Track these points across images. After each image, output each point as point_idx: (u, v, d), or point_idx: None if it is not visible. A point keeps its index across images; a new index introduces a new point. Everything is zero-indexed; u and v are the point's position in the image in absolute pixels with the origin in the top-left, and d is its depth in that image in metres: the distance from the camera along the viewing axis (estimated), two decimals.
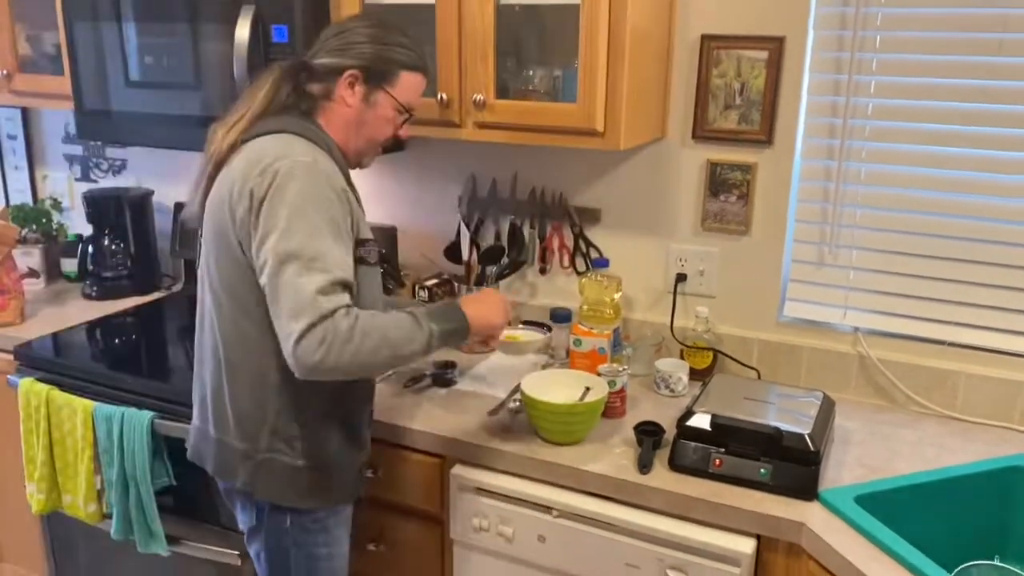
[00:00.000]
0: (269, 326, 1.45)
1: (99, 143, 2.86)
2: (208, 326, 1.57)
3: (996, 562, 1.61)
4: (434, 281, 2.25)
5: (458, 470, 1.75)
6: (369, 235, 1.54)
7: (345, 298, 1.38)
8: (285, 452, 1.54)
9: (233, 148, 1.49)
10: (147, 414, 1.96)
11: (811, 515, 1.50)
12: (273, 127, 1.50)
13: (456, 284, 2.23)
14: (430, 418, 1.83)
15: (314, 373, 1.36)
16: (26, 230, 2.75)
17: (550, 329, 1.70)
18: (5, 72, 2.43)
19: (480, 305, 1.59)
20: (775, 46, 1.88)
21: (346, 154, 1.58)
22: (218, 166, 1.51)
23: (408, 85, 1.57)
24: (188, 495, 2.04)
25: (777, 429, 1.58)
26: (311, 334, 1.33)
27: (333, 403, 1.56)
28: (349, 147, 1.58)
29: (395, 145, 1.70)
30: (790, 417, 1.63)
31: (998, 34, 1.73)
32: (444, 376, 1.99)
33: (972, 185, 1.82)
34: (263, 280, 1.39)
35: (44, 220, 2.81)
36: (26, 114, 2.97)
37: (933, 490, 1.61)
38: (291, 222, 1.37)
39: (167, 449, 1.99)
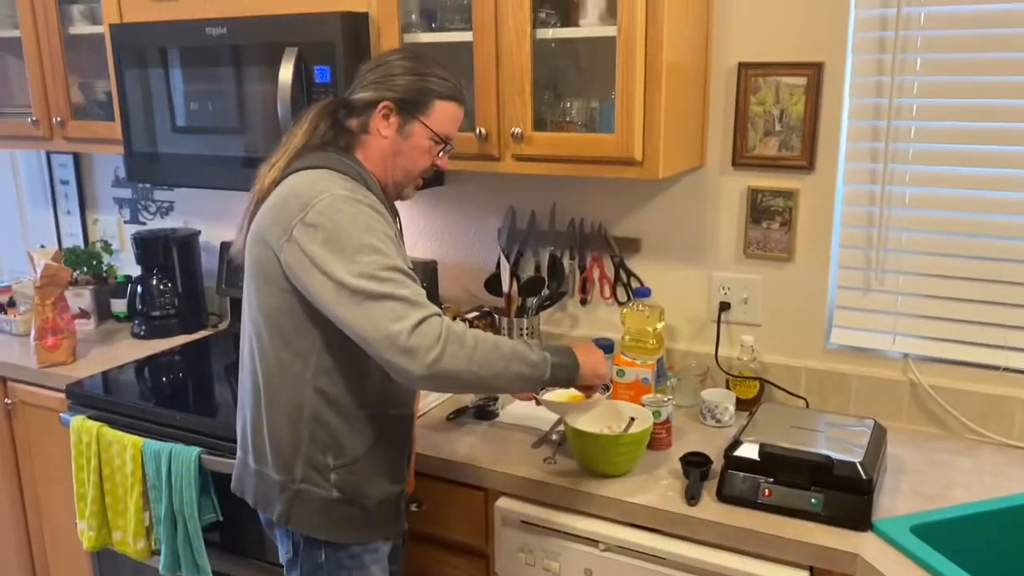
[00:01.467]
0: (308, 356, 1.49)
1: (147, 186, 2.93)
2: (248, 356, 1.59)
3: None
4: (475, 314, 2.26)
5: (503, 503, 1.74)
6: (409, 264, 1.54)
7: (437, 308, 1.40)
8: (319, 484, 1.54)
9: (274, 184, 1.52)
10: (194, 450, 1.98)
11: (865, 546, 1.46)
12: (311, 163, 1.52)
13: (497, 316, 2.23)
14: (473, 451, 1.83)
15: (431, 372, 1.35)
16: (77, 272, 2.82)
17: (608, 387, 1.66)
18: (59, 119, 2.52)
19: (590, 353, 1.58)
20: (813, 72, 1.88)
21: (384, 187, 1.59)
22: (260, 203, 1.54)
23: (443, 115, 1.58)
24: (234, 531, 2.05)
25: (828, 457, 1.54)
26: (422, 330, 1.34)
27: (370, 436, 1.56)
28: (387, 179, 1.59)
29: (434, 179, 1.73)
30: (840, 446, 1.60)
31: None
32: (486, 408, 1.99)
33: (1019, 206, 1.78)
34: (336, 311, 1.39)
35: (95, 262, 2.88)
36: (78, 159, 3.06)
37: (993, 519, 1.56)
38: (353, 247, 1.39)
39: (214, 485, 2.00)
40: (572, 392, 1.68)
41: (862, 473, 1.52)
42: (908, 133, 1.85)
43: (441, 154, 1.62)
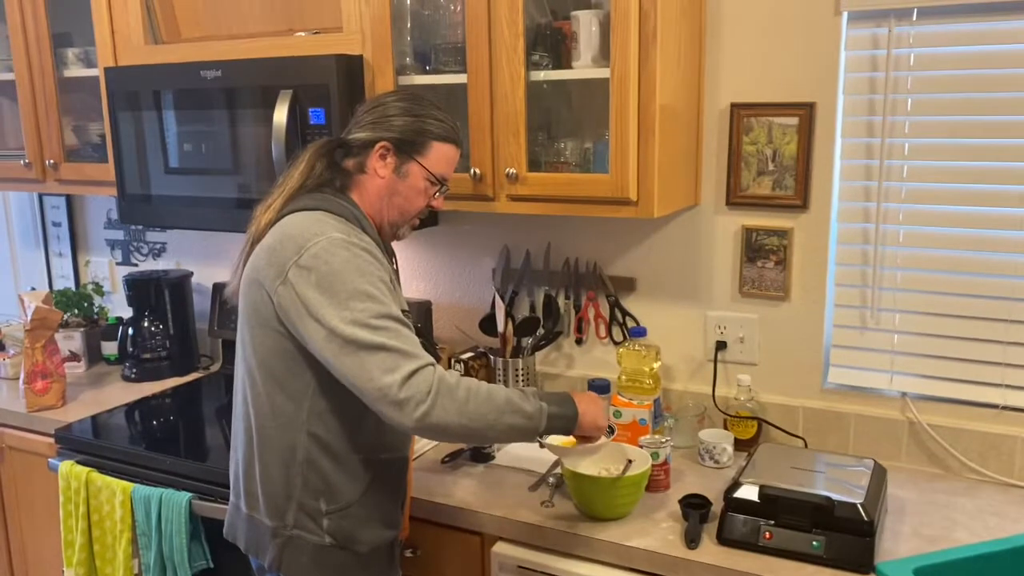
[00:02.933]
0: (302, 399, 1.48)
1: (140, 227, 2.92)
2: (241, 399, 1.57)
3: None
4: (470, 355, 2.24)
5: (499, 548, 1.71)
6: (404, 306, 1.54)
7: (430, 357, 1.40)
8: (312, 530, 1.51)
9: (270, 225, 1.52)
10: (185, 495, 1.95)
11: None
12: (307, 204, 1.52)
13: (492, 357, 2.22)
14: (469, 494, 1.80)
15: (422, 425, 1.35)
16: (68, 314, 2.80)
17: (613, 431, 1.65)
18: (52, 162, 2.52)
19: (591, 403, 1.57)
20: (805, 112, 1.89)
21: (380, 228, 1.59)
22: (255, 243, 1.54)
23: (440, 156, 1.58)
24: None
25: (828, 499, 1.52)
26: (413, 382, 1.34)
27: (363, 481, 1.54)
28: (383, 219, 1.58)
29: (429, 219, 1.73)
30: (841, 487, 1.58)
31: None
32: (482, 450, 1.97)
33: (1015, 244, 1.78)
34: (328, 357, 1.39)
35: (86, 304, 2.86)
36: (70, 201, 3.06)
37: (996, 561, 1.53)
38: (347, 293, 1.38)
39: (205, 531, 1.97)
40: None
41: (864, 514, 1.50)
42: (901, 172, 1.86)
43: (437, 195, 1.62)
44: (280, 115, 1.95)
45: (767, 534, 1.55)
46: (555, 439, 1.67)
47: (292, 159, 1.60)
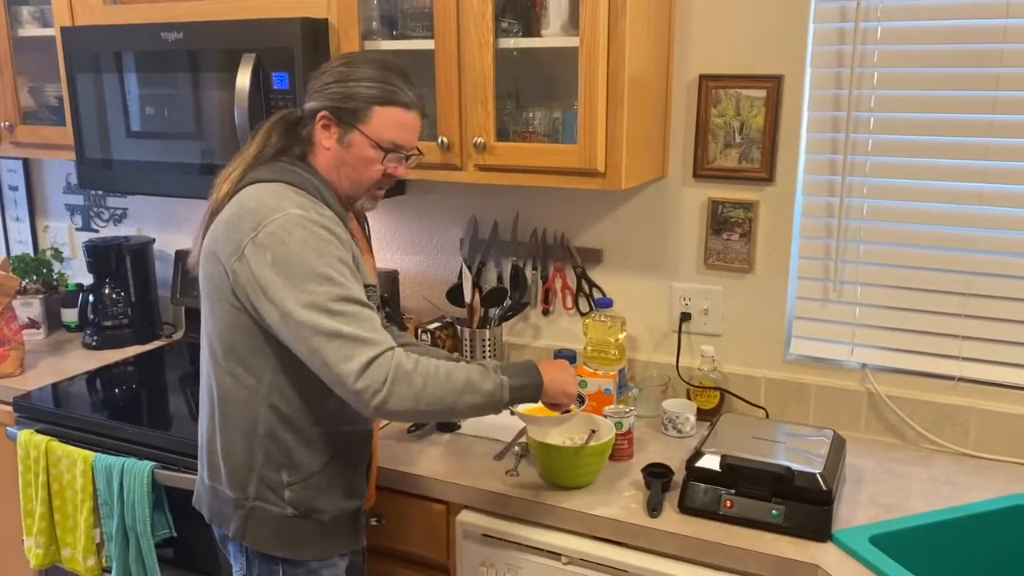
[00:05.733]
0: (263, 373, 1.46)
1: (100, 193, 2.86)
2: (205, 372, 1.55)
3: None
4: (437, 324, 2.24)
5: (464, 517, 1.72)
6: (371, 280, 1.53)
7: (389, 338, 1.38)
8: (273, 502, 1.51)
9: (228, 197, 1.48)
10: (147, 464, 1.93)
11: (825, 557, 1.46)
12: (266, 175, 1.48)
13: (459, 327, 2.21)
14: (434, 463, 1.81)
15: (380, 414, 1.36)
16: (27, 281, 2.75)
17: (583, 401, 1.65)
18: (7, 123, 2.45)
19: (558, 370, 1.56)
20: (773, 84, 1.89)
21: (340, 199, 1.54)
22: (215, 214, 1.50)
23: (385, 121, 1.49)
24: (189, 546, 2.00)
25: (788, 469, 1.55)
26: (370, 372, 1.33)
27: (325, 453, 1.53)
28: (339, 190, 1.54)
29: (396, 188, 1.70)
30: (800, 456, 1.60)
31: (995, 69, 1.74)
32: (448, 420, 1.97)
33: (975, 219, 1.81)
34: (286, 339, 1.38)
35: (45, 270, 2.80)
36: (27, 165, 2.98)
37: (949, 529, 1.58)
38: (304, 275, 1.35)
39: (168, 500, 1.96)
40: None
41: (822, 484, 1.52)
42: (865, 146, 1.87)
43: (394, 163, 1.53)
44: (243, 79, 1.92)
45: (728, 503, 1.57)
46: (526, 407, 1.67)
47: (255, 129, 1.56)
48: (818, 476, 1.53)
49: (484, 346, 2.17)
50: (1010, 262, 1.80)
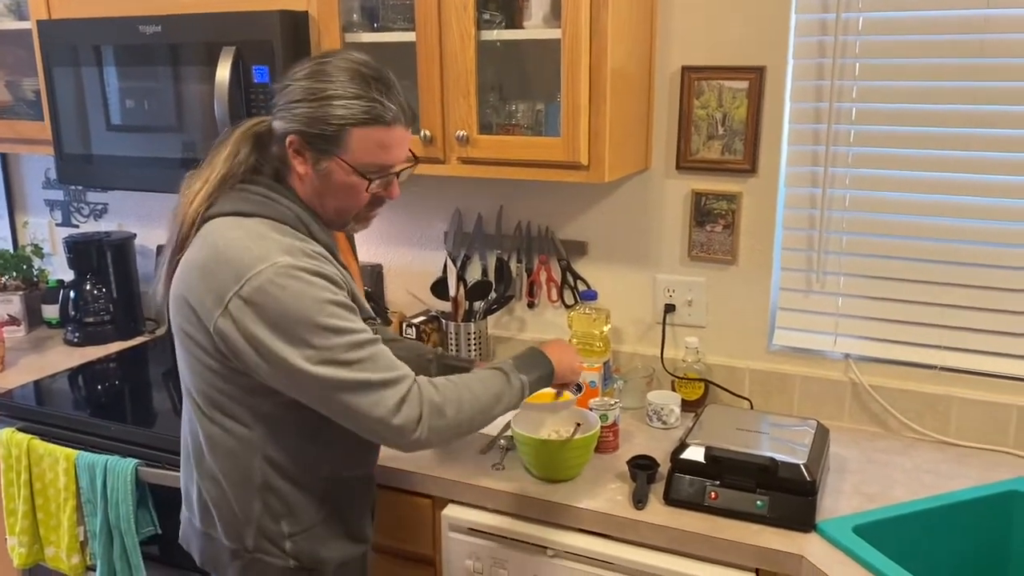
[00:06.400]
0: (254, 425, 1.36)
1: (80, 188, 2.84)
2: (188, 417, 1.44)
3: None
4: (421, 319, 2.23)
5: (450, 511, 1.72)
6: (365, 306, 1.41)
7: (406, 367, 1.31)
8: (274, 553, 1.41)
9: (195, 221, 1.33)
10: (131, 462, 1.92)
11: (810, 547, 1.47)
12: (240, 207, 1.32)
13: (444, 321, 2.21)
14: (419, 457, 1.80)
15: (416, 448, 1.32)
16: (6, 277, 2.72)
17: (580, 388, 1.66)
18: None
19: (561, 351, 1.54)
20: (755, 76, 1.89)
21: (327, 223, 1.40)
22: (182, 244, 1.35)
23: (364, 144, 1.31)
24: (174, 544, 1.99)
25: (772, 460, 1.56)
26: (404, 411, 1.27)
27: (327, 500, 1.44)
28: (324, 217, 1.39)
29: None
30: (785, 447, 1.61)
31: (975, 59, 1.74)
32: None
33: (956, 208, 1.82)
34: (296, 393, 1.29)
35: (25, 267, 2.77)
36: (5, 160, 2.95)
37: (932, 517, 1.59)
38: (307, 330, 1.24)
39: (152, 497, 1.95)
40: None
41: (806, 475, 1.53)
42: (847, 137, 1.88)
43: (382, 187, 1.38)
44: (222, 73, 1.90)
45: (712, 494, 1.58)
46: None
47: (219, 141, 1.39)
48: (802, 467, 1.54)
49: (469, 340, 2.16)
50: (991, 252, 1.81)
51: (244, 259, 1.25)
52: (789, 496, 1.54)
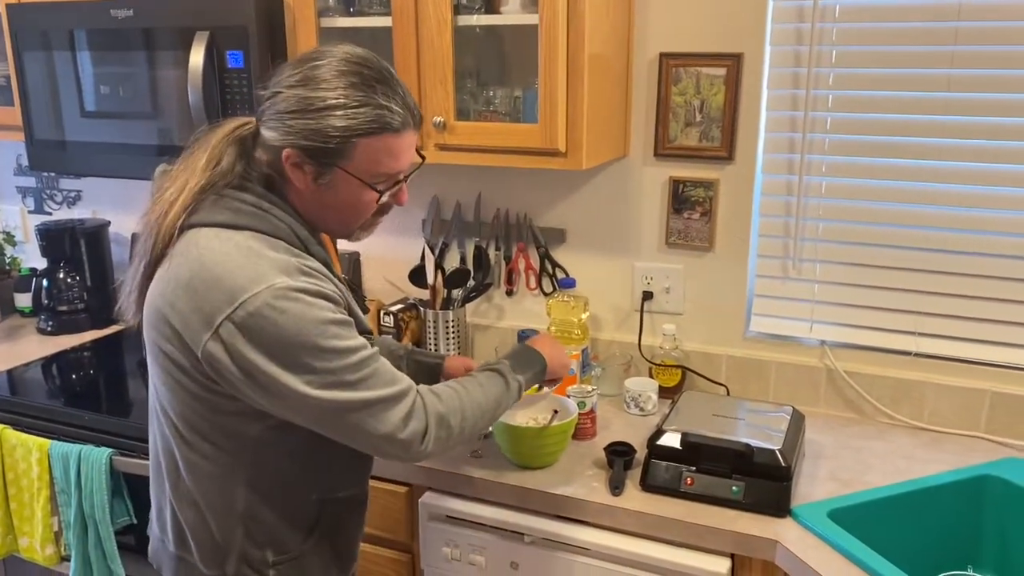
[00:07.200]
0: (238, 451, 1.27)
1: (53, 175, 2.80)
2: (159, 435, 1.33)
3: (969, 572, 1.61)
4: (399, 306, 2.22)
5: (427, 498, 1.72)
6: (362, 317, 1.34)
7: (407, 378, 1.27)
8: None
9: (173, 231, 1.22)
10: (105, 451, 1.90)
11: (785, 532, 1.48)
12: (229, 219, 1.21)
13: (422, 309, 2.20)
14: None
15: (422, 458, 1.28)
16: None
17: (555, 382, 1.67)
18: None
19: (551, 345, 1.54)
20: (733, 63, 1.89)
21: (325, 232, 1.34)
22: (157, 255, 1.25)
23: (372, 154, 1.22)
24: None
25: (748, 446, 1.56)
26: (411, 425, 1.24)
27: (315, 526, 1.36)
28: (324, 228, 1.32)
29: None
30: (760, 433, 1.62)
31: (950, 47, 1.75)
32: None
33: (930, 196, 1.83)
34: (296, 417, 1.22)
35: None
36: None
37: (905, 502, 1.61)
38: (309, 355, 1.16)
39: (127, 487, 1.93)
40: None
41: (781, 460, 1.54)
42: (824, 124, 1.88)
43: (392, 194, 1.31)
44: (196, 58, 1.88)
45: (688, 480, 1.59)
46: None
47: (199, 142, 1.27)
48: (777, 452, 1.55)
49: (447, 328, 2.16)
50: (964, 238, 1.82)
51: (237, 279, 1.15)
52: (764, 482, 1.55)
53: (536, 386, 1.65)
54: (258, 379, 1.16)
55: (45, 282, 2.55)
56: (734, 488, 1.56)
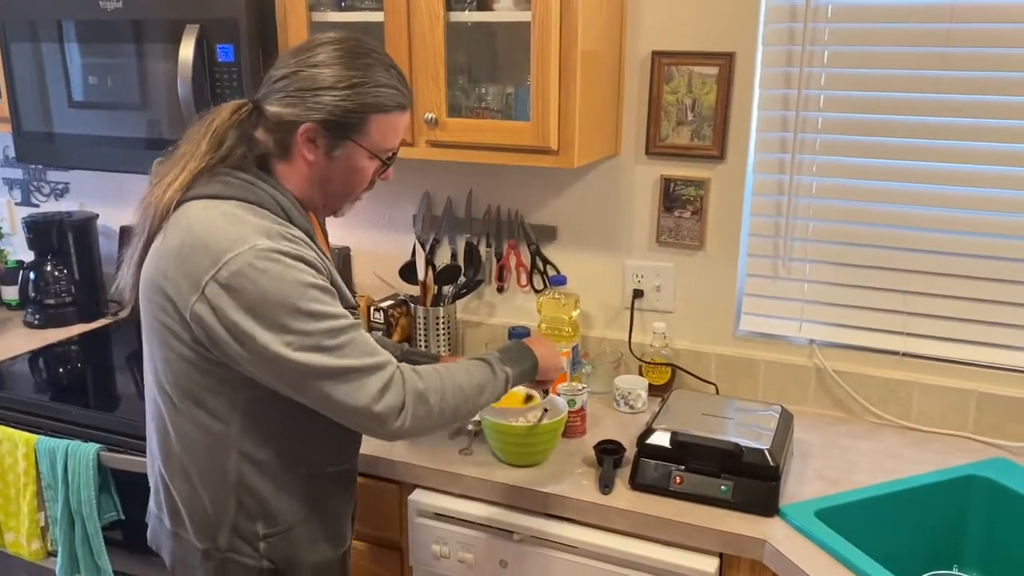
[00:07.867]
0: (229, 418, 1.31)
1: (40, 167, 2.77)
2: (155, 412, 1.37)
3: (955, 571, 1.62)
4: (390, 303, 2.22)
5: (416, 496, 1.71)
6: (347, 293, 1.36)
7: (388, 353, 1.28)
8: (248, 554, 1.36)
9: (169, 210, 1.27)
10: (93, 447, 1.89)
11: (773, 531, 1.49)
12: (217, 190, 1.27)
13: (412, 305, 2.20)
14: (386, 443, 1.79)
15: (398, 437, 1.30)
16: None
17: (547, 392, 1.67)
18: None
19: (546, 346, 1.53)
20: (725, 62, 1.89)
21: (315, 210, 1.39)
22: (154, 231, 1.29)
23: (384, 128, 1.32)
24: (137, 529, 1.96)
25: (737, 445, 1.57)
26: (386, 398, 1.25)
27: (306, 499, 1.39)
28: (315, 203, 1.37)
29: None
30: (749, 432, 1.63)
31: (942, 48, 1.76)
32: None
33: (920, 197, 1.84)
34: (275, 381, 1.24)
35: None
36: None
37: (892, 501, 1.62)
38: (286, 315, 1.20)
39: (114, 482, 1.92)
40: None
41: (769, 460, 1.55)
42: (815, 124, 1.89)
43: (385, 169, 1.40)
44: (186, 51, 1.86)
45: (678, 479, 1.59)
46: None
47: (198, 123, 1.32)
48: (766, 452, 1.56)
49: (438, 324, 2.15)
50: (953, 239, 1.83)
51: (221, 241, 1.21)
52: (753, 481, 1.55)
53: (527, 396, 1.65)
54: (241, 339, 1.21)
55: (32, 275, 2.53)
56: (723, 487, 1.56)
